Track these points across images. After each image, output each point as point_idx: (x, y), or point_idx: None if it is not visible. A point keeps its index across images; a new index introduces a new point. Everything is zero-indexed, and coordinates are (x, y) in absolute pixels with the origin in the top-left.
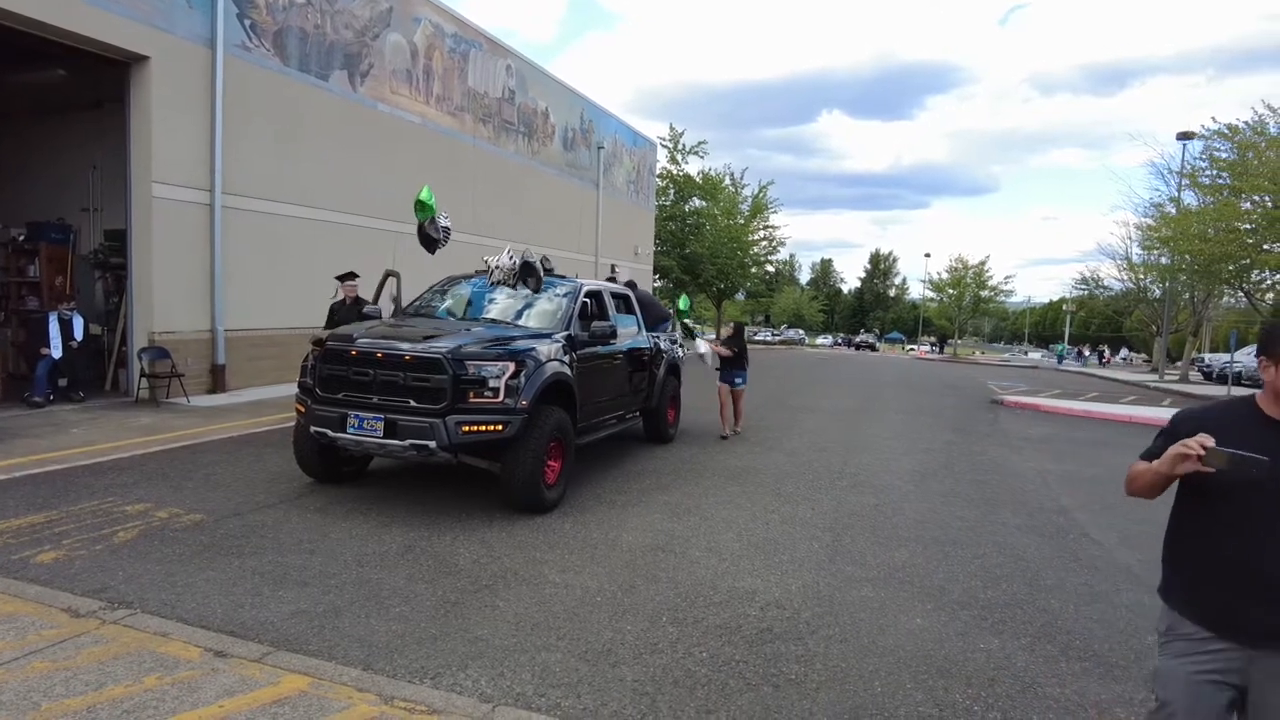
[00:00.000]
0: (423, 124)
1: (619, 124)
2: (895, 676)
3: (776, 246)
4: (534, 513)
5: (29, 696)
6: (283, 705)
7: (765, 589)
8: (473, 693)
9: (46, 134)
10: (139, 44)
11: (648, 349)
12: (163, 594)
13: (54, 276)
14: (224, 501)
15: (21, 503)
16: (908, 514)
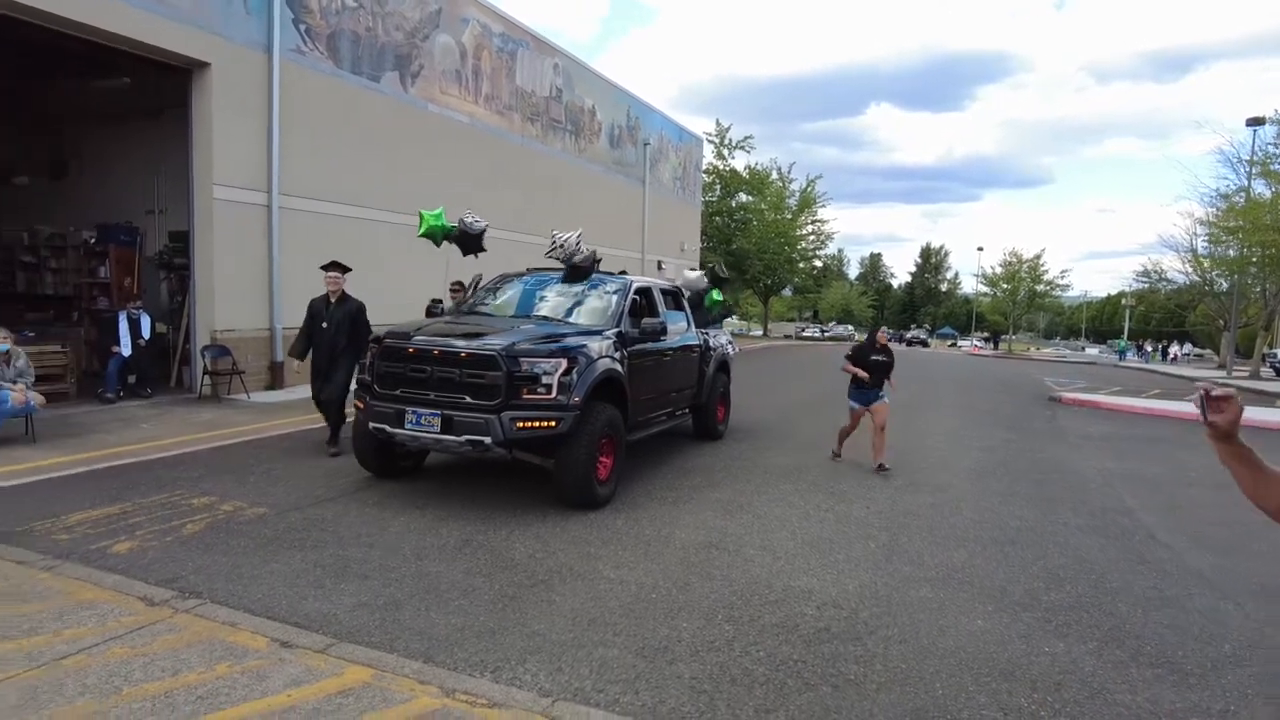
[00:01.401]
0: (471, 123)
1: (665, 120)
2: (957, 679)
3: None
4: (586, 509)
5: (110, 680)
6: (347, 696)
7: (821, 588)
8: (532, 687)
9: (114, 140)
10: (200, 51)
11: (697, 345)
12: (230, 585)
13: (122, 277)
14: (285, 495)
15: (98, 495)
16: (965, 513)
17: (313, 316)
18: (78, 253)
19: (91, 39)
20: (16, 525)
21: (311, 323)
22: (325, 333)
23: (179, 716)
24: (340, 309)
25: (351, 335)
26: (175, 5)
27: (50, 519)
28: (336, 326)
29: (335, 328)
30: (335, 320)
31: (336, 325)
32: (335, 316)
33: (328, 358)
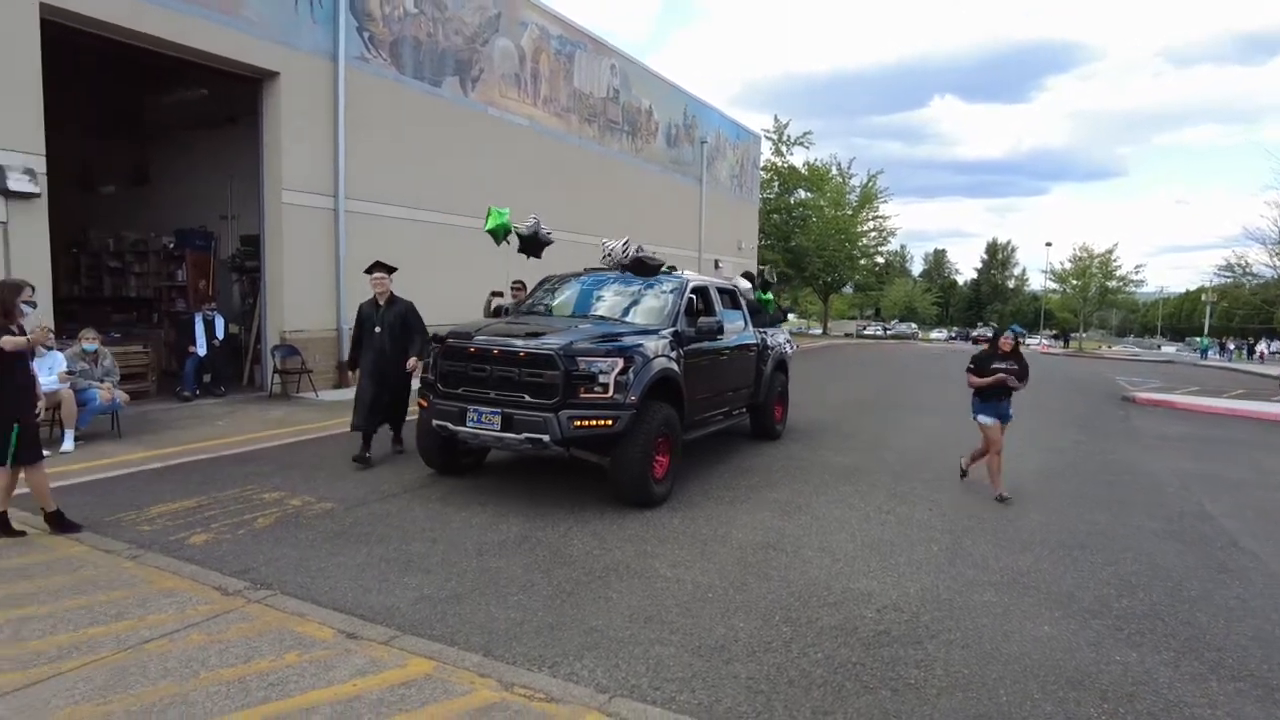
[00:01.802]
0: (530, 126)
1: (722, 118)
2: (1022, 686)
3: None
4: (642, 507)
5: (189, 665)
6: (409, 687)
7: (881, 591)
8: (589, 682)
9: (190, 148)
10: (271, 61)
11: (754, 344)
12: (299, 577)
13: (198, 280)
14: (352, 491)
15: (177, 488)
16: (1032, 516)
17: (363, 322)
18: (158, 257)
19: (178, 55)
20: (105, 516)
21: (362, 329)
22: (377, 339)
23: (251, 701)
24: (391, 311)
25: (404, 338)
26: (248, 19)
27: (134, 511)
28: (389, 329)
29: (388, 331)
30: (387, 323)
31: (389, 328)
32: (387, 319)
33: (380, 364)
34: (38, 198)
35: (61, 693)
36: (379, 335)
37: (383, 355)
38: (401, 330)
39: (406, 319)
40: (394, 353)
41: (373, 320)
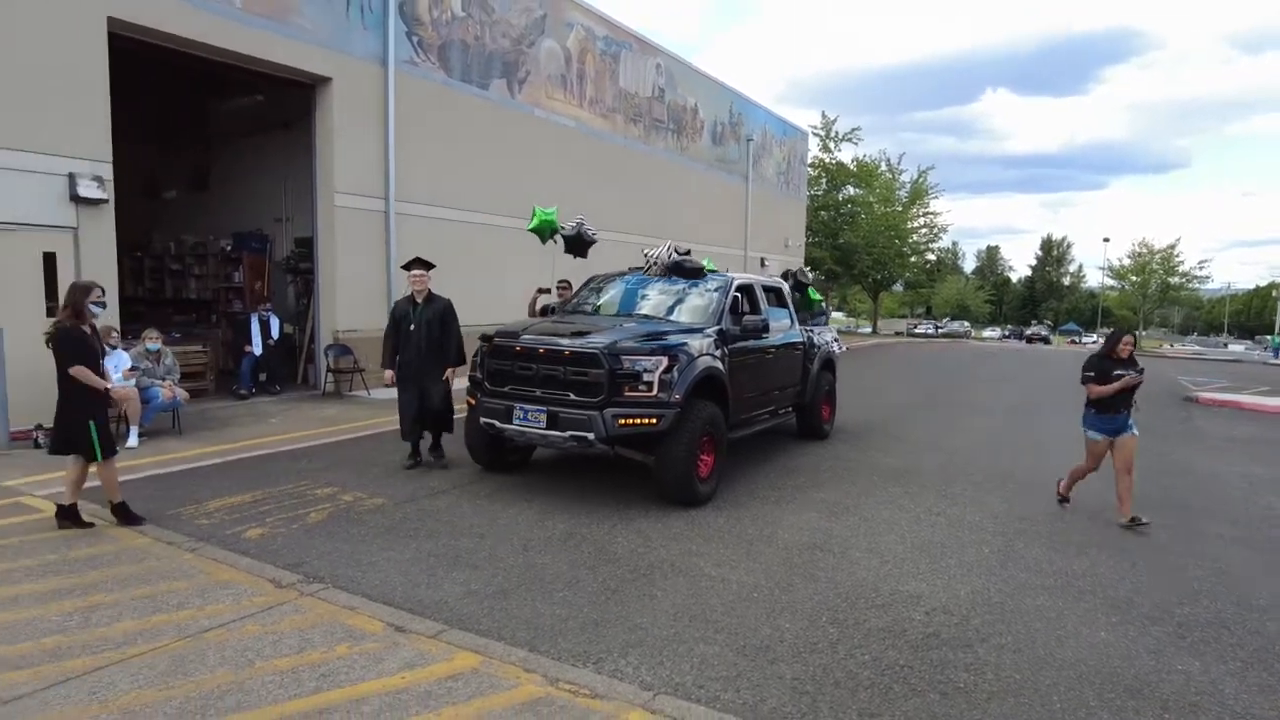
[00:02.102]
0: (576, 126)
1: (768, 115)
2: (1077, 692)
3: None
4: (687, 506)
5: (244, 654)
6: (456, 680)
7: (931, 593)
8: (633, 680)
9: (246, 153)
10: (323, 67)
11: (801, 343)
12: (350, 570)
13: (254, 281)
14: (401, 487)
15: (234, 483)
16: (1086, 519)
17: (398, 320)
18: (216, 260)
19: (236, 64)
20: (167, 509)
21: (397, 326)
22: (414, 336)
23: (304, 691)
24: (429, 309)
25: (442, 337)
26: (302, 26)
27: (194, 505)
28: (426, 328)
29: (424, 329)
30: (424, 321)
31: (426, 326)
32: (424, 317)
33: (417, 362)
34: (105, 204)
35: (127, 677)
36: (415, 334)
37: (419, 355)
38: (440, 329)
39: (445, 318)
40: (430, 352)
41: (409, 318)
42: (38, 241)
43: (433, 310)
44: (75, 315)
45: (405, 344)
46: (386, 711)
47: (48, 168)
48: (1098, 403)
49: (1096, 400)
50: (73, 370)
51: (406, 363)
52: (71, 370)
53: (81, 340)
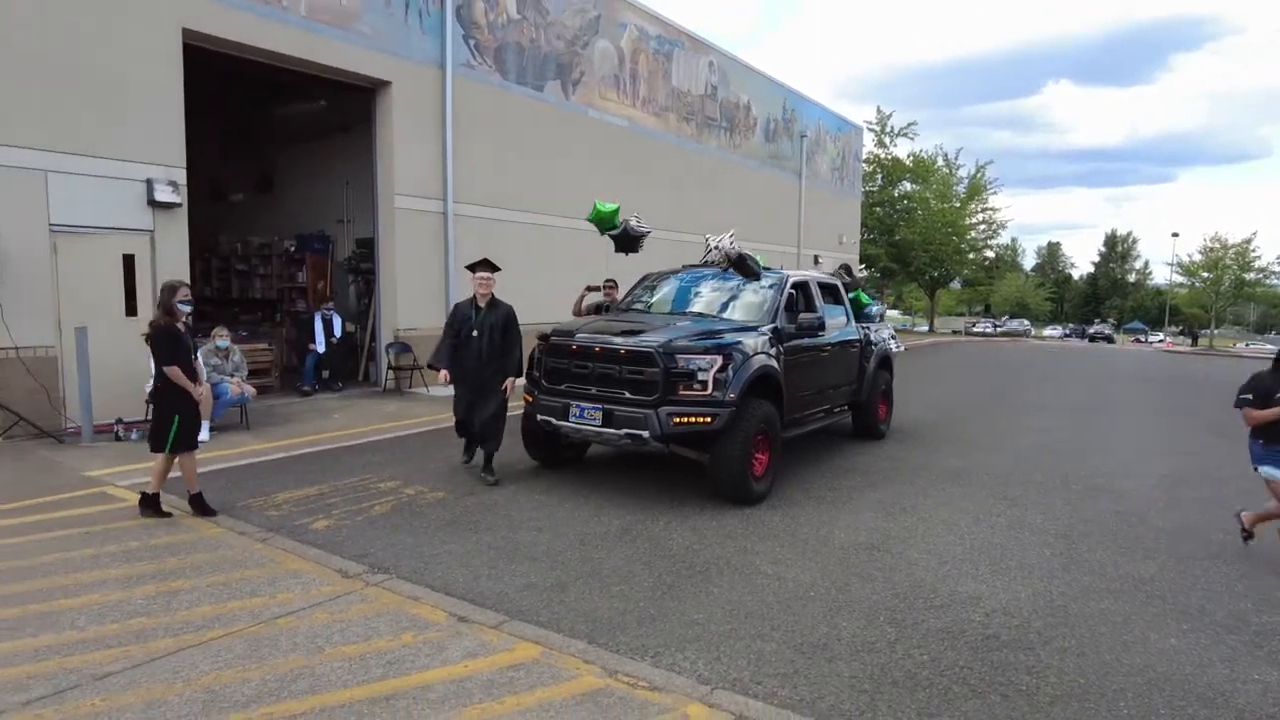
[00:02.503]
0: (629, 126)
1: (822, 110)
2: (1145, 699)
3: (997, 230)
4: (742, 504)
5: (314, 641)
6: (518, 670)
7: (990, 594)
8: (690, 673)
9: (309, 157)
10: (383, 71)
11: (857, 340)
12: (413, 562)
13: (316, 281)
14: (461, 482)
15: (300, 477)
16: (1156, 523)
17: (458, 323)
18: (280, 260)
19: (301, 70)
20: (238, 501)
21: (457, 329)
22: (475, 342)
23: (371, 678)
24: (492, 314)
25: (503, 345)
26: (362, 32)
27: (263, 497)
28: (489, 333)
29: (486, 336)
30: (486, 326)
31: (489, 331)
32: (487, 322)
33: (476, 370)
34: (179, 207)
35: (208, 658)
36: (476, 340)
37: (479, 361)
38: (502, 337)
39: (507, 326)
40: (491, 359)
41: (471, 322)
42: (118, 244)
43: (496, 316)
44: (168, 313)
45: (463, 349)
46: (451, 699)
47: (128, 174)
48: (1265, 432)
49: (1264, 429)
50: (167, 370)
51: (465, 370)
52: (166, 370)
53: (175, 338)
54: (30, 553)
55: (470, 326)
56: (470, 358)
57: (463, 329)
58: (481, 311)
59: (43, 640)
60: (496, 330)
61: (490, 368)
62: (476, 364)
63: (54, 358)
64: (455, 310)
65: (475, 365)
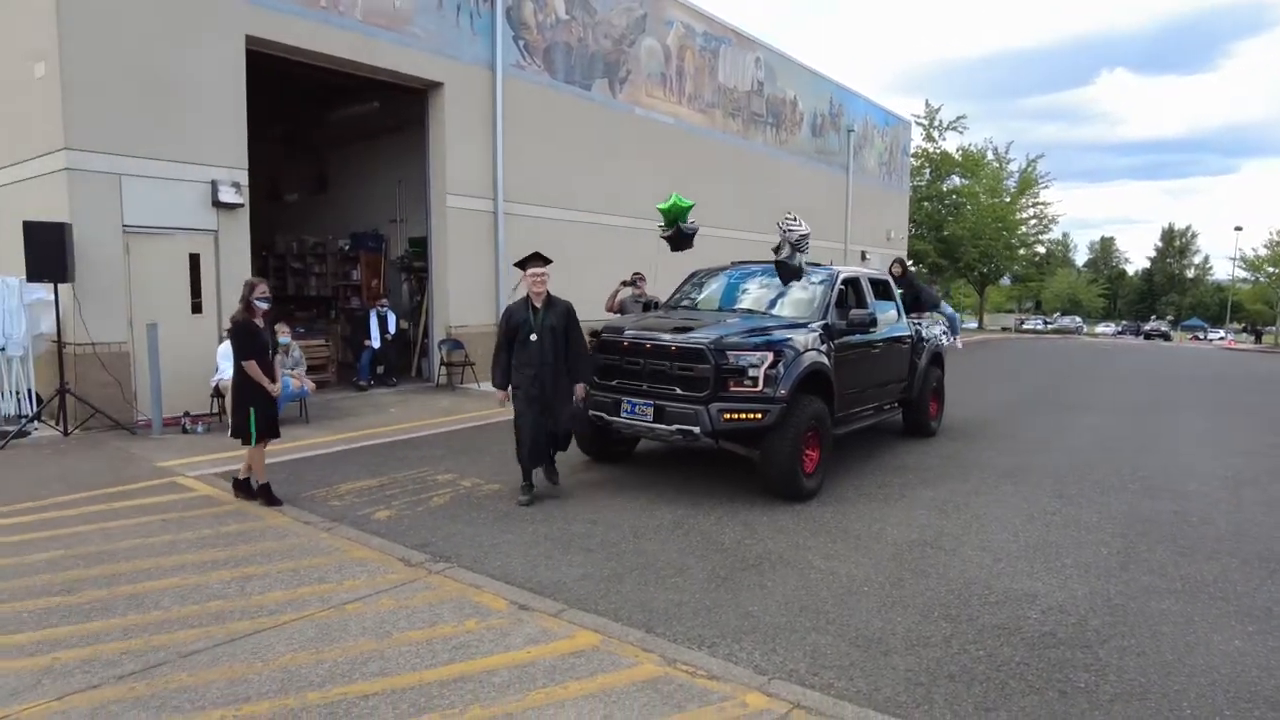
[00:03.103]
0: (675, 124)
1: (869, 105)
2: (1209, 700)
3: (1048, 225)
4: (792, 500)
5: (382, 626)
6: (579, 657)
7: (1046, 592)
8: (748, 664)
9: (363, 157)
10: (436, 73)
11: (908, 336)
12: (473, 551)
13: (370, 279)
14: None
15: (360, 468)
16: (1218, 524)
17: (513, 328)
18: (335, 258)
19: (357, 72)
20: (301, 491)
21: (512, 336)
22: (535, 347)
23: (439, 661)
24: (551, 313)
25: (567, 347)
26: (415, 34)
27: (325, 488)
28: (549, 335)
29: (548, 339)
30: (547, 328)
31: (549, 333)
32: (547, 324)
33: (541, 378)
34: (242, 208)
35: (282, 640)
36: (536, 345)
37: (544, 369)
38: (564, 338)
39: (569, 325)
40: (557, 365)
41: (528, 325)
42: (185, 244)
43: (555, 315)
44: (247, 309)
45: (523, 356)
46: (516, 684)
47: (194, 176)
48: None
49: None
50: (245, 365)
51: (527, 379)
52: (244, 365)
53: (253, 334)
54: (114, 537)
55: (529, 329)
56: (533, 366)
57: (518, 334)
58: (539, 313)
59: (131, 619)
60: (558, 332)
61: (555, 374)
62: (541, 372)
63: (126, 353)
64: (507, 315)
65: (540, 374)
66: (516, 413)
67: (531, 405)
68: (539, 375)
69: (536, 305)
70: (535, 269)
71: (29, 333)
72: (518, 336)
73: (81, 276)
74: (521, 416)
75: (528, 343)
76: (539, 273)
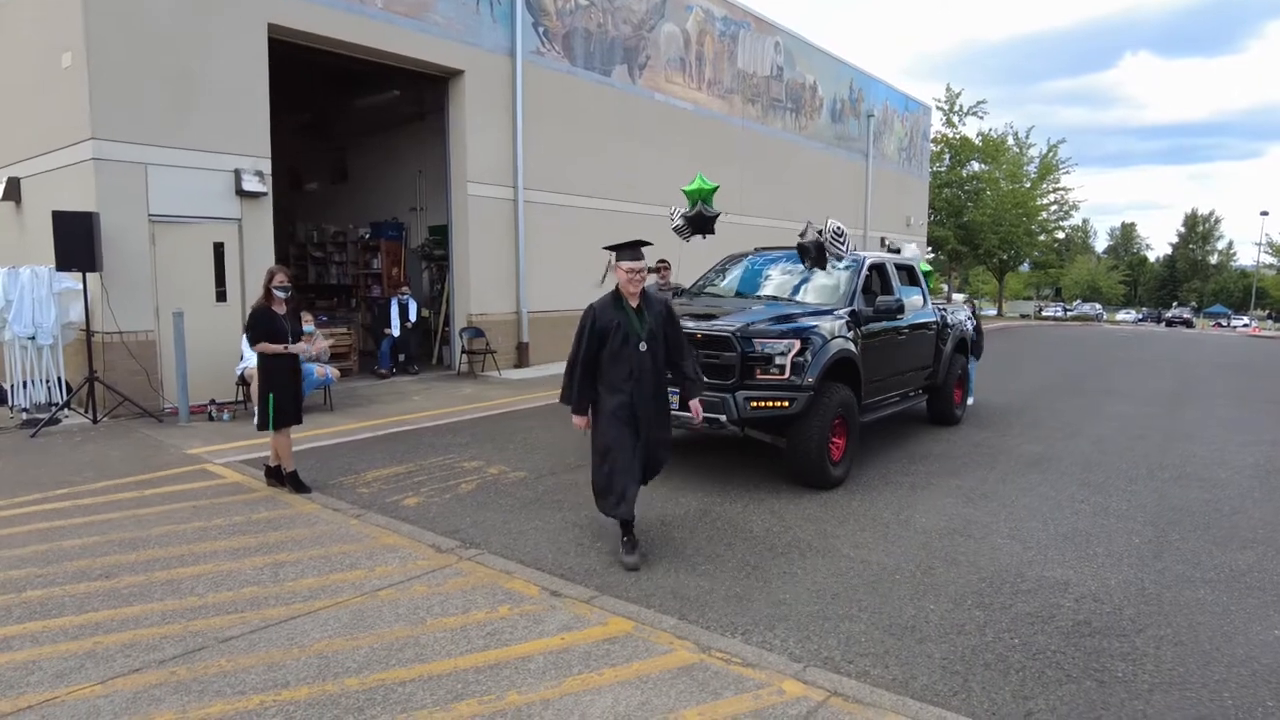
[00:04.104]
0: (694, 110)
1: (889, 90)
2: (1251, 690)
3: (1069, 211)
4: (819, 488)
5: (415, 613)
6: (612, 644)
7: (1079, 580)
8: (782, 651)
9: (383, 146)
10: (456, 60)
11: (934, 322)
12: (502, 538)
13: (391, 268)
14: (541, 462)
15: (387, 456)
16: (1252, 513)
17: (602, 334)
18: (355, 247)
19: (378, 60)
20: (329, 479)
21: (600, 344)
22: (637, 359)
23: (474, 648)
24: (651, 314)
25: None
26: (436, 22)
27: (353, 475)
28: (651, 344)
29: (653, 345)
30: (648, 333)
31: (650, 341)
32: (649, 327)
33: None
34: (265, 196)
35: (317, 627)
36: (640, 356)
37: (644, 384)
38: (665, 345)
39: (672, 327)
40: (659, 380)
41: (625, 332)
42: (209, 232)
43: (655, 317)
44: (266, 296)
45: (616, 370)
46: (552, 670)
47: (218, 165)
48: None
49: None
50: (255, 347)
51: (622, 399)
52: (255, 347)
53: (270, 320)
54: (147, 524)
55: (625, 335)
56: (630, 381)
57: (607, 340)
58: (640, 315)
59: (168, 605)
60: (658, 338)
61: (657, 391)
62: (643, 389)
63: (153, 341)
64: (591, 316)
65: (642, 391)
66: (603, 445)
67: (628, 433)
68: (638, 393)
69: (631, 304)
70: (632, 263)
71: (58, 321)
72: (607, 344)
73: (109, 265)
74: (613, 450)
75: (622, 354)
76: (637, 269)
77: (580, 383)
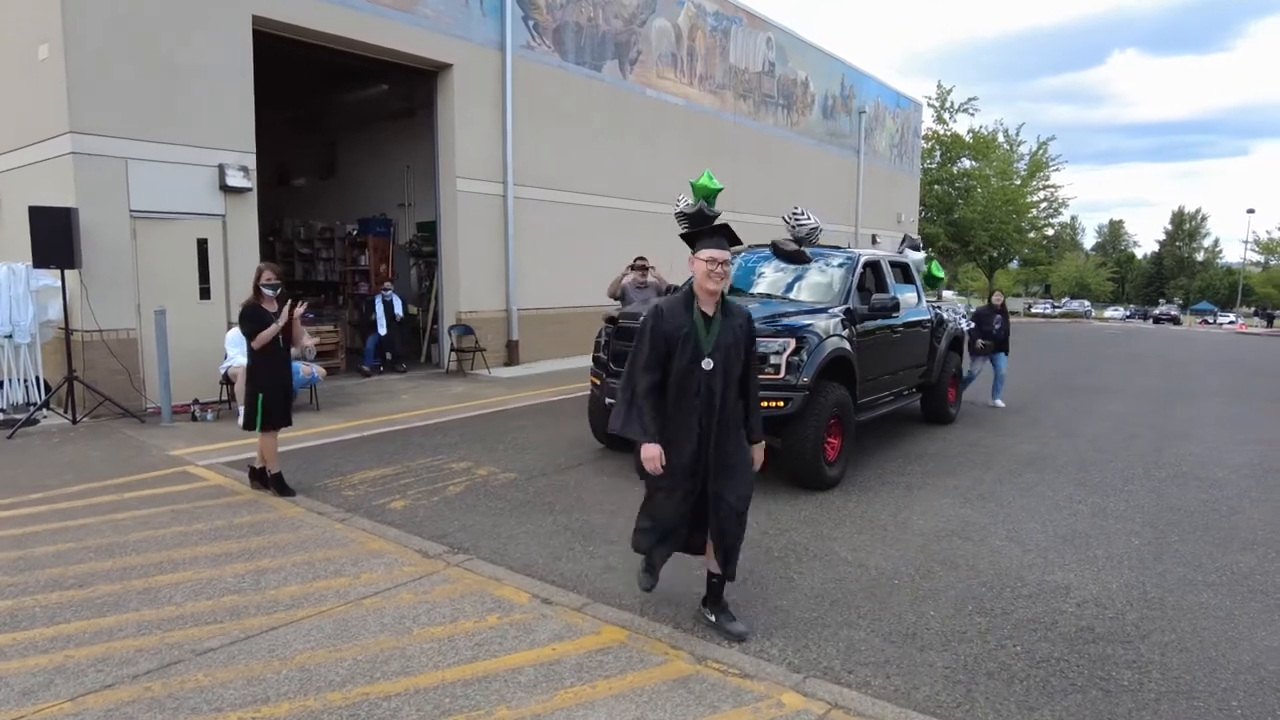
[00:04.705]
0: (686, 105)
1: (880, 87)
2: (1259, 699)
3: (1059, 208)
4: (815, 489)
5: (401, 622)
6: (606, 654)
7: (1080, 584)
8: (780, 661)
9: (371, 141)
10: (445, 54)
11: (928, 320)
12: (492, 542)
13: (378, 264)
14: (532, 463)
15: (373, 457)
16: (1250, 514)
17: (670, 342)
18: (342, 243)
19: (365, 54)
20: (315, 481)
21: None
22: (706, 380)
23: (462, 659)
24: (728, 326)
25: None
26: (424, 14)
27: (339, 477)
28: (724, 362)
29: (726, 365)
30: (725, 347)
31: (724, 359)
32: (724, 341)
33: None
34: (249, 192)
35: (300, 637)
36: (709, 377)
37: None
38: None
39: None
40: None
41: (693, 340)
42: (193, 229)
43: (731, 331)
44: (255, 293)
45: (682, 390)
46: (543, 682)
47: (201, 160)
48: None
49: None
50: (250, 342)
51: (687, 428)
52: (250, 342)
53: (260, 316)
54: (125, 529)
55: (696, 347)
56: (699, 406)
57: (677, 354)
58: (712, 324)
59: (144, 615)
60: (733, 356)
61: (731, 422)
62: (706, 416)
63: (134, 340)
64: (658, 317)
65: (704, 419)
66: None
67: (687, 470)
68: (706, 422)
69: (707, 310)
70: (715, 252)
71: (36, 319)
72: (675, 357)
73: (88, 262)
74: (665, 488)
75: (690, 372)
76: (721, 259)
77: (646, 399)
